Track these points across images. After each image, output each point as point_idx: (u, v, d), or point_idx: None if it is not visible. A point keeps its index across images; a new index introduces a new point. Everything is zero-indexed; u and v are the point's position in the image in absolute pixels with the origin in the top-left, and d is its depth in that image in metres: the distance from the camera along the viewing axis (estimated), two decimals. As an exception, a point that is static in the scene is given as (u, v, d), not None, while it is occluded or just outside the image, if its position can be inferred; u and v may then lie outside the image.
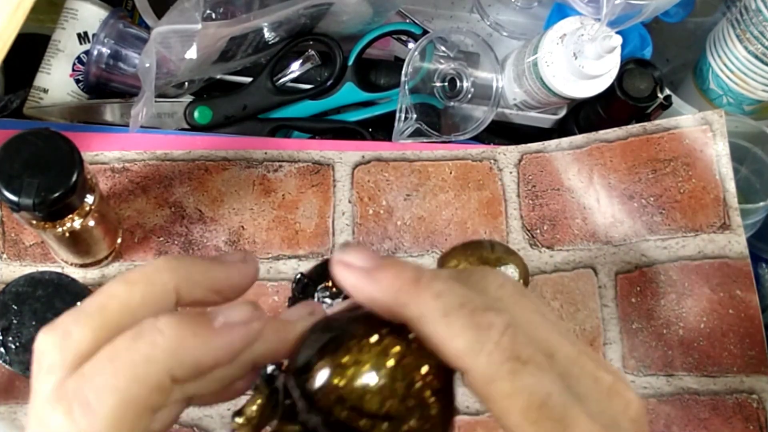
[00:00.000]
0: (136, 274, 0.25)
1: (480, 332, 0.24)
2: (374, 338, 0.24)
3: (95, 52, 0.57)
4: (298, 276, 0.42)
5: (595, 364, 0.25)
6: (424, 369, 0.25)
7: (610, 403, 0.25)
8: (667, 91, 0.60)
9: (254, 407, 0.27)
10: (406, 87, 0.57)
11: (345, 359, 0.24)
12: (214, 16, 0.51)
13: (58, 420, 0.23)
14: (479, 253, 0.41)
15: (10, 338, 0.44)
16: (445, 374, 0.25)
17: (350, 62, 0.60)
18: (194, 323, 0.24)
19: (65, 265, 0.53)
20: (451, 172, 0.58)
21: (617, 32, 0.54)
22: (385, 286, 0.24)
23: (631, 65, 0.59)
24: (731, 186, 0.58)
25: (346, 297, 0.39)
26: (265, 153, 0.57)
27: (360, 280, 0.25)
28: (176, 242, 0.54)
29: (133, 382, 0.23)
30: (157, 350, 0.23)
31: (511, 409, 0.24)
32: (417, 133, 0.58)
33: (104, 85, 0.59)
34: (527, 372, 0.24)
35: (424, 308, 0.24)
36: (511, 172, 0.58)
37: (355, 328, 0.25)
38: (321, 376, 0.24)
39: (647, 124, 0.59)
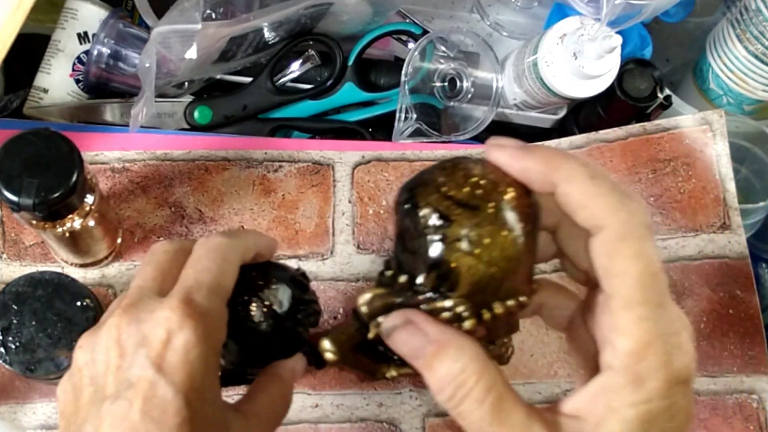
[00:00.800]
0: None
1: (623, 196, 0.28)
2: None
3: (95, 52, 0.57)
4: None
5: None
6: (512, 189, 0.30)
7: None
8: (667, 91, 0.60)
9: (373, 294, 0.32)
10: (406, 87, 0.57)
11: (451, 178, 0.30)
12: (214, 16, 0.51)
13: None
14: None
15: (10, 338, 0.44)
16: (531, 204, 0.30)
17: (350, 62, 0.60)
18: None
19: (65, 265, 0.53)
20: (451, 172, 0.58)
21: (617, 32, 0.54)
22: (539, 155, 0.30)
23: (631, 65, 0.59)
24: (731, 186, 0.58)
25: None
26: (265, 153, 0.57)
27: (516, 152, 0.30)
28: (176, 242, 0.54)
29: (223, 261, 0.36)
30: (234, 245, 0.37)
31: (630, 271, 0.27)
32: (417, 133, 0.58)
33: (104, 85, 0.59)
34: (653, 242, 0.28)
35: (574, 171, 0.29)
36: (511, 172, 0.58)
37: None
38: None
39: (647, 124, 0.59)
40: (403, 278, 0.30)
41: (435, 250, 0.29)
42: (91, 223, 0.47)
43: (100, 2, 0.59)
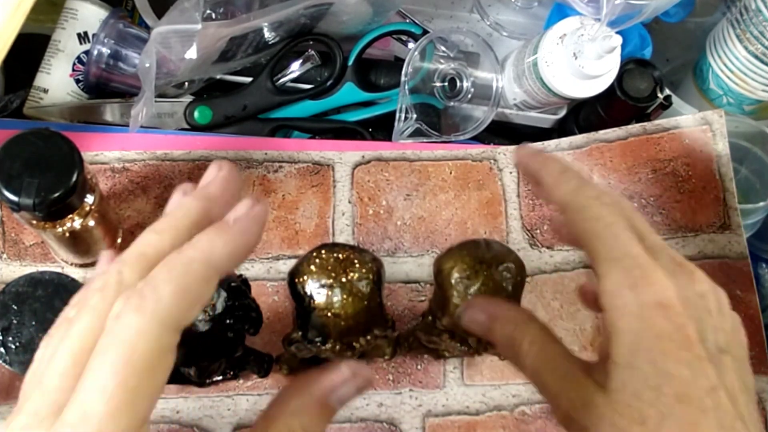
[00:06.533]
0: (162, 224, 0.29)
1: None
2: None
3: (95, 52, 0.57)
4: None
5: None
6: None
7: None
8: (667, 91, 0.60)
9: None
10: (406, 87, 0.57)
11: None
12: (214, 16, 0.51)
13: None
14: (475, 254, 0.41)
15: (10, 338, 0.44)
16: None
17: (350, 62, 0.60)
18: (217, 230, 0.29)
19: (65, 265, 0.53)
20: (451, 172, 0.58)
21: (617, 32, 0.54)
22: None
23: (631, 65, 0.59)
24: (731, 186, 0.58)
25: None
26: (265, 153, 0.57)
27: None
28: (176, 242, 0.54)
29: (185, 276, 0.27)
30: (195, 256, 0.28)
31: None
32: (417, 133, 0.58)
33: (104, 85, 0.59)
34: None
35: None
36: (511, 172, 0.58)
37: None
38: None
39: (647, 124, 0.59)
40: (298, 335, 0.41)
41: (311, 316, 0.40)
42: (91, 223, 0.47)
43: (100, 2, 0.59)
